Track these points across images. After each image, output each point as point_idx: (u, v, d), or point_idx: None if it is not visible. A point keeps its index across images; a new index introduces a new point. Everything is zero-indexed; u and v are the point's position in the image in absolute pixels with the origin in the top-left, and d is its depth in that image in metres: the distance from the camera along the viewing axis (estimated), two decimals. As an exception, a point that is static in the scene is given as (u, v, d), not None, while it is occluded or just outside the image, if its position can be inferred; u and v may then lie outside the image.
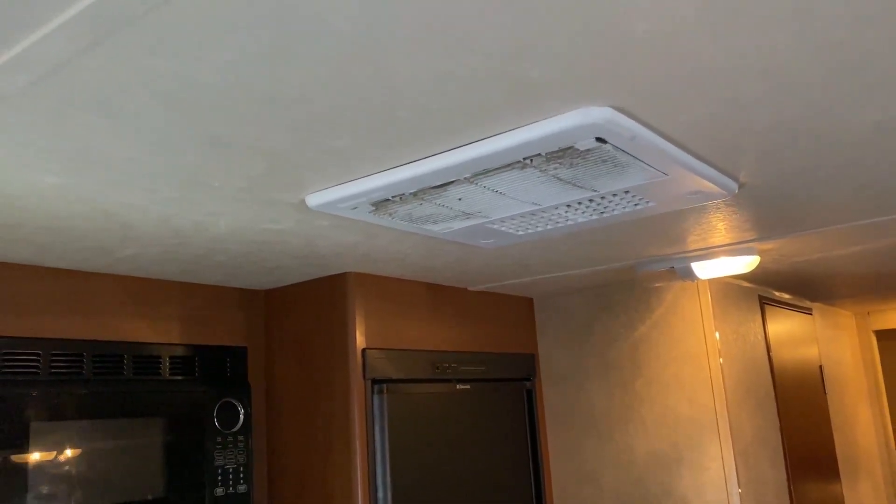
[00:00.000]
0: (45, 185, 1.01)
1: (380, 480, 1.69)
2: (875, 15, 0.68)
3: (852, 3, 0.66)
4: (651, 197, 1.21)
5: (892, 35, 0.72)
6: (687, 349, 2.05)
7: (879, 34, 0.72)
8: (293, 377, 1.80)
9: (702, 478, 1.99)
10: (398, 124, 0.87)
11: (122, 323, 1.58)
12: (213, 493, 1.62)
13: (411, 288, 1.90)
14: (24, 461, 1.35)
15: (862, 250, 1.90)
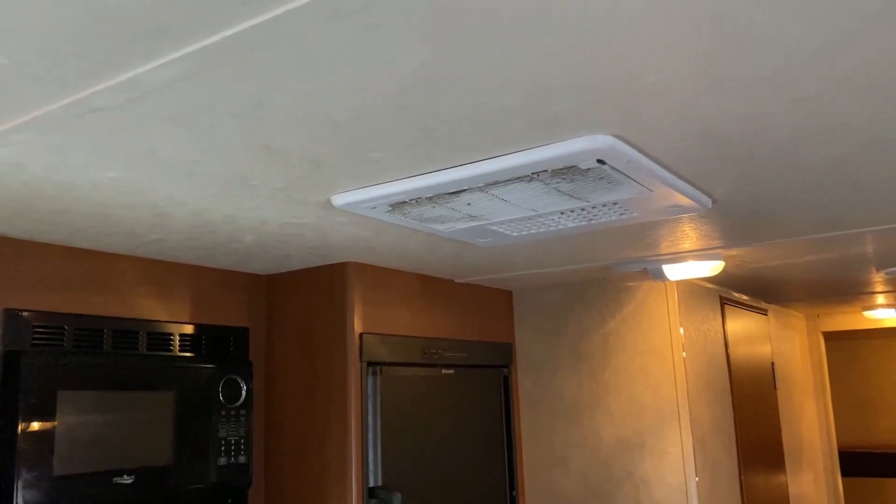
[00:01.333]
0: (103, 179, 1.12)
1: (371, 453, 1.84)
2: (837, 78, 0.84)
3: (817, 68, 0.81)
4: (635, 208, 1.37)
5: (851, 94, 0.88)
6: (653, 343, 2.23)
7: (841, 94, 0.88)
8: (292, 357, 1.92)
9: (662, 462, 2.17)
10: (432, 142, 1.01)
11: (139, 302, 1.69)
12: (216, 462, 1.75)
13: (405, 279, 2.03)
14: (52, 426, 1.45)
15: (814, 259, 2.10)
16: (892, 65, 0.81)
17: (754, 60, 0.79)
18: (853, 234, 1.73)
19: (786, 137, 1.04)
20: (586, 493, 2.26)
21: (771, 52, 0.77)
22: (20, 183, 1.13)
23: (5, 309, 1.46)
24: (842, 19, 0.70)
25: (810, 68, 0.81)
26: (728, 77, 0.82)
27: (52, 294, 1.54)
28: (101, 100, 0.83)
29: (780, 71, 0.81)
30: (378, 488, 1.82)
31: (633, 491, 2.20)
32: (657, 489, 2.16)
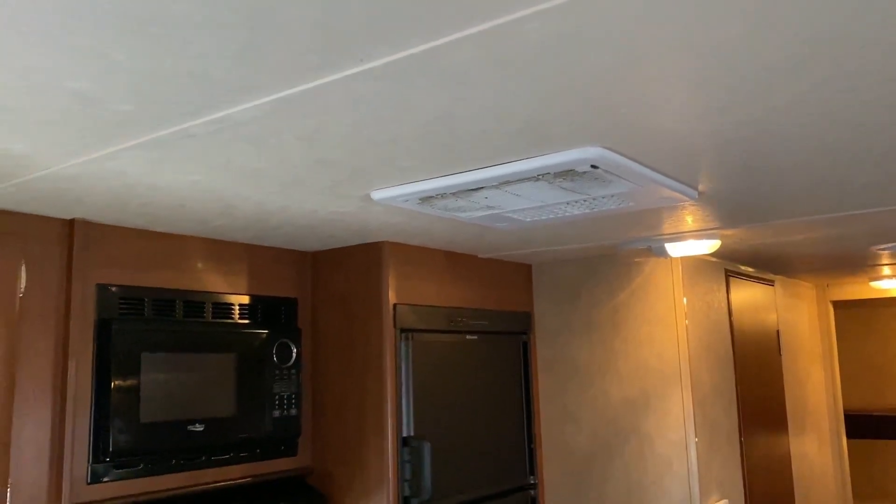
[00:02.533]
0: (186, 181, 1.38)
1: (404, 408, 2.10)
2: (806, 89, 1.06)
3: (797, 78, 1.03)
4: (630, 199, 1.59)
5: (808, 110, 1.10)
6: (659, 313, 2.46)
7: (796, 111, 1.09)
8: (335, 324, 2.19)
9: (665, 420, 2.41)
10: (453, 154, 1.24)
11: (204, 276, 1.96)
12: (271, 414, 2.03)
13: (434, 255, 2.28)
14: (137, 382, 1.74)
15: (805, 238, 2.30)
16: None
17: (729, 85, 1.01)
18: (835, 217, 1.93)
19: (756, 140, 1.25)
20: (596, 447, 2.52)
21: (743, 71, 0.99)
22: (120, 184, 1.39)
23: (98, 284, 1.74)
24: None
25: (783, 82, 1.02)
26: (698, 100, 1.04)
27: (133, 271, 1.81)
28: (197, 129, 1.08)
29: (755, 91, 1.03)
30: (411, 438, 2.09)
31: (638, 445, 2.44)
32: (659, 444, 2.41)
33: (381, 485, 2.04)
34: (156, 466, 1.78)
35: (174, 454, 1.82)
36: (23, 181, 1.34)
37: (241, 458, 1.98)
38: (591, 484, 2.52)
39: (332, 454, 2.15)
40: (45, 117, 1.02)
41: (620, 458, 2.47)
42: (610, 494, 2.48)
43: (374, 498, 2.05)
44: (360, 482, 2.08)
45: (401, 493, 2.06)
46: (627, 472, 2.45)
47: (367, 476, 2.07)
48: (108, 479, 1.70)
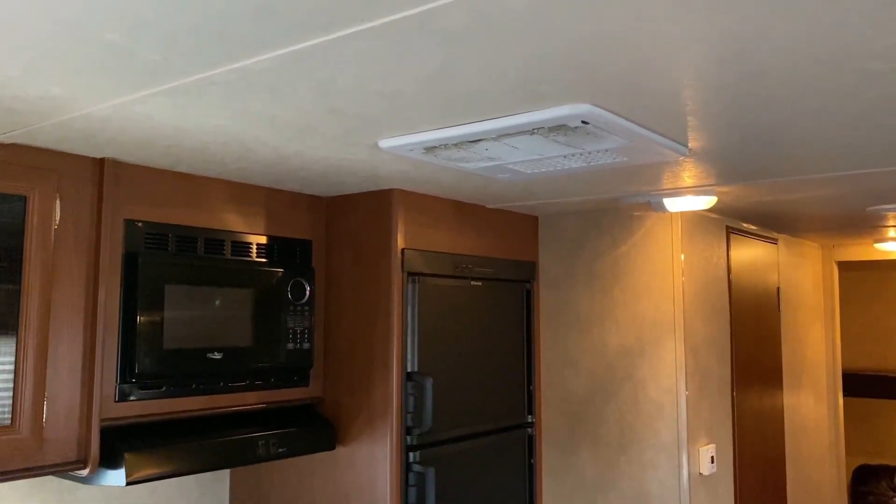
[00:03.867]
0: (209, 125, 1.49)
1: (409, 346, 2.24)
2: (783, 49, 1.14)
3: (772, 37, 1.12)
4: (623, 154, 1.68)
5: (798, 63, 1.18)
6: (657, 266, 2.56)
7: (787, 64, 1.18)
8: (347, 266, 2.32)
9: (657, 367, 2.53)
10: (453, 108, 1.34)
11: (224, 216, 2.09)
12: (285, 347, 2.17)
13: (441, 204, 2.39)
14: (161, 311, 1.88)
15: (802, 197, 2.37)
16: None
17: (711, 46, 1.09)
18: (826, 177, 2.01)
19: (745, 95, 1.34)
20: (593, 390, 2.65)
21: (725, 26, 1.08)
22: (147, 127, 1.51)
23: (126, 219, 1.87)
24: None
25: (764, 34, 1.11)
26: (680, 62, 1.13)
27: (158, 208, 1.94)
28: (217, 78, 1.19)
29: (742, 49, 1.12)
30: (414, 373, 2.23)
31: (632, 390, 2.57)
32: (652, 389, 2.54)
33: (385, 415, 2.19)
34: (177, 389, 1.94)
35: (194, 379, 1.97)
36: (59, 121, 1.46)
37: (256, 386, 2.13)
38: (586, 425, 2.66)
39: (341, 386, 2.30)
40: (81, 65, 1.13)
41: (615, 401, 2.61)
42: (603, 435, 2.62)
43: (378, 427, 2.20)
44: (366, 412, 2.23)
45: (404, 424, 2.21)
46: (621, 414, 2.59)
47: (373, 407, 2.22)
48: (134, 399, 1.86)
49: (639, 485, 2.54)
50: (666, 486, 2.49)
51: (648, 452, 2.53)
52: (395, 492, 2.17)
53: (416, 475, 2.20)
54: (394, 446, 2.18)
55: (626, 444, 2.57)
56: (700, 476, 2.53)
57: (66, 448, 1.71)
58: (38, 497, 2.06)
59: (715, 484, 2.64)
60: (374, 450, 2.20)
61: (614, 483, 2.59)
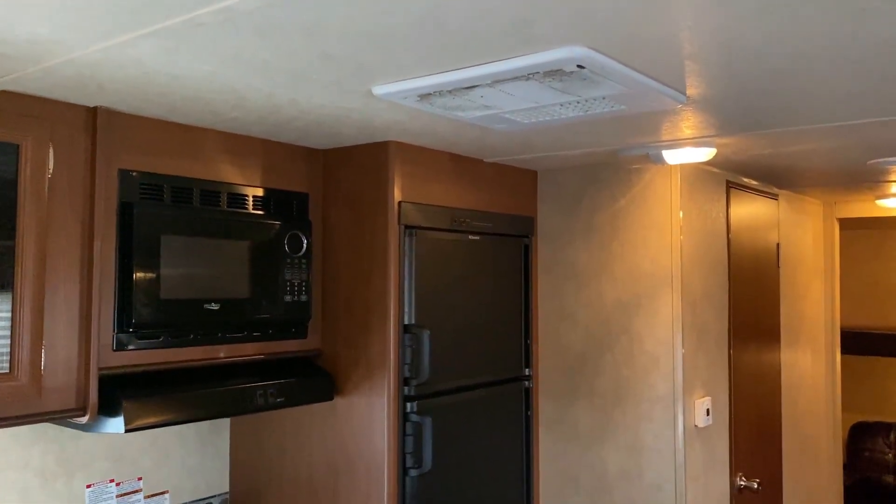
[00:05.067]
0: (200, 71, 1.47)
1: (406, 298, 2.25)
2: None
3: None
4: (621, 102, 1.66)
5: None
6: (656, 220, 2.55)
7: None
8: (344, 219, 2.31)
9: (654, 320, 2.54)
10: (446, 51, 1.32)
11: (220, 168, 2.08)
12: (282, 299, 2.18)
13: (439, 157, 2.37)
14: (158, 261, 1.89)
15: (803, 149, 2.35)
16: (780, 4, 1.08)
17: None
18: (826, 127, 1.99)
19: (742, 35, 1.32)
20: (588, 344, 2.67)
21: (683, -4, 1.05)
22: (137, 73, 1.49)
23: (120, 169, 1.86)
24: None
25: None
26: (676, 4, 1.11)
27: (153, 158, 1.93)
28: (205, 18, 1.17)
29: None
30: (412, 325, 2.24)
31: (628, 343, 2.59)
32: (648, 342, 2.55)
33: (383, 366, 2.21)
34: (175, 339, 1.96)
35: (192, 329, 1.98)
36: (49, 66, 1.44)
37: (255, 337, 2.14)
38: (582, 377, 2.68)
39: (339, 338, 2.31)
40: (66, 2, 1.11)
41: (611, 354, 2.62)
42: (599, 388, 2.64)
43: (376, 378, 2.22)
44: (364, 364, 2.25)
45: (401, 375, 2.23)
46: (617, 367, 2.61)
47: (371, 359, 2.23)
48: (133, 348, 1.88)
49: (634, 436, 2.56)
50: (661, 437, 2.51)
51: (644, 405, 2.55)
52: (392, 441, 2.19)
53: (413, 425, 2.23)
54: (391, 397, 2.20)
55: (622, 397, 2.59)
56: (695, 428, 2.55)
57: (65, 395, 1.73)
58: (40, 446, 2.09)
59: (710, 436, 2.66)
60: (372, 400, 2.22)
61: (609, 435, 2.62)
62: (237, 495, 2.55)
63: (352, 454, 2.26)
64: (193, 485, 2.46)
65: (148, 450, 2.34)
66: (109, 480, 2.23)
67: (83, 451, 2.18)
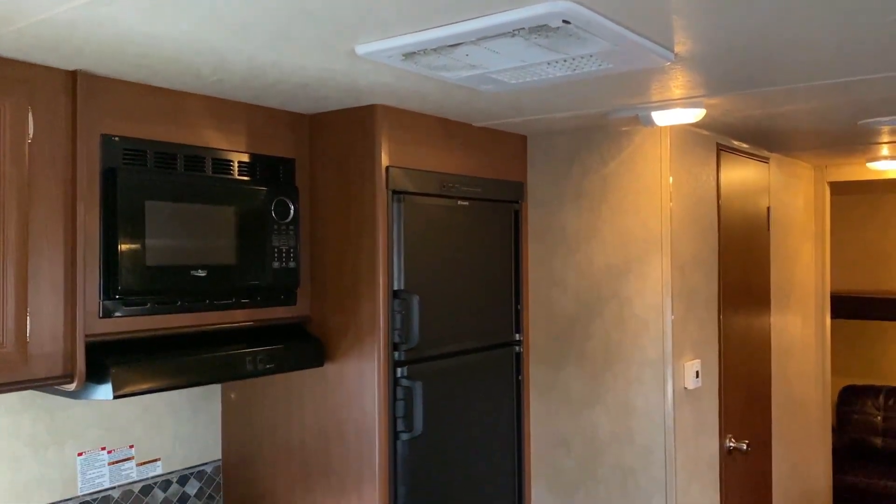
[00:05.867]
0: (177, 31, 1.44)
1: (395, 264, 2.24)
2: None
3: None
4: (608, 61, 1.64)
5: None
6: (646, 183, 2.54)
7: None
8: (331, 185, 2.29)
9: (644, 284, 2.54)
10: (429, 7, 1.30)
11: (204, 133, 2.05)
12: (270, 266, 2.17)
13: (427, 121, 2.35)
14: (143, 227, 1.87)
15: (793, 109, 2.33)
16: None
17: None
18: (815, 86, 1.97)
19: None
20: (579, 309, 2.67)
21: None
22: (114, 33, 1.46)
23: (102, 134, 1.84)
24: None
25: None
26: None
27: (135, 123, 1.90)
28: (180, -27, 1.15)
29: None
30: (401, 291, 2.24)
31: (618, 308, 2.59)
32: (638, 307, 2.55)
33: (373, 332, 2.21)
34: (162, 306, 1.94)
35: (179, 296, 1.97)
36: (24, 26, 1.41)
37: (243, 304, 2.14)
38: (572, 342, 2.69)
39: (328, 304, 2.31)
40: (37, -43, 1.09)
41: (601, 319, 2.62)
42: (589, 352, 2.65)
43: (366, 343, 2.22)
44: (354, 330, 2.25)
45: (391, 340, 2.23)
46: (607, 331, 2.61)
47: (361, 324, 2.23)
48: (119, 315, 1.87)
49: (624, 399, 2.58)
50: (651, 400, 2.53)
51: (634, 368, 2.56)
52: (383, 405, 2.20)
53: (404, 389, 2.23)
54: (381, 362, 2.20)
55: (612, 361, 2.60)
56: (685, 390, 2.57)
57: (51, 363, 1.72)
58: (29, 414, 2.09)
59: (700, 398, 2.68)
60: (363, 365, 2.23)
61: (600, 398, 2.63)
62: (229, 462, 2.56)
63: (343, 419, 2.26)
64: (185, 452, 2.47)
65: (139, 418, 2.35)
66: (101, 448, 2.24)
67: (74, 419, 2.18)
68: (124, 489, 2.29)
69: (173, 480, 2.43)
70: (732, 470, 2.91)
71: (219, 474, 2.56)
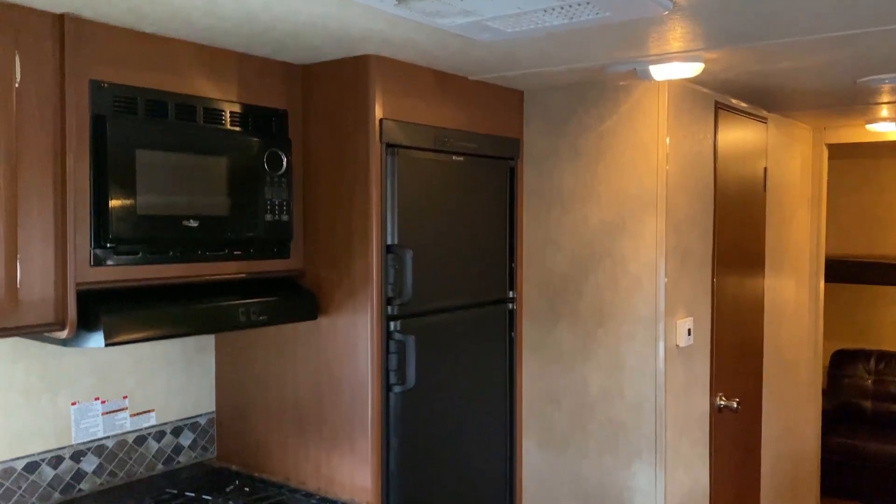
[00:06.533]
0: (166, -31, 1.41)
1: (389, 219, 2.23)
2: None
3: None
4: (605, 8, 1.61)
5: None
6: (642, 140, 2.52)
7: None
8: (324, 138, 2.27)
9: (638, 242, 2.54)
10: (420, -56, 1.27)
11: (195, 81, 2.02)
12: (263, 218, 2.15)
13: (422, 73, 2.32)
14: (133, 176, 1.85)
15: (792, 66, 2.31)
16: None
17: None
18: (815, 39, 1.94)
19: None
20: (572, 267, 2.67)
21: None
22: (102, -28, 1.43)
23: (91, 80, 1.81)
24: None
25: None
26: None
27: (125, 70, 1.87)
28: None
29: None
30: (394, 245, 2.23)
31: (612, 266, 2.59)
32: (632, 265, 2.55)
33: (366, 286, 2.20)
34: (154, 256, 1.93)
35: (171, 246, 1.96)
36: (7, -36, 1.38)
37: (236, 256, 2.13)
38: (565, 300, 2.69)
39: (321, 259, 2.30)
40: None
41: (594, 277, 2.62)
42: (582, 310, 2.66)
43: (359, 298, 2.22)
44: (347, 283, 2.24)
45: (384, 294, 2.23)
46: (600, 290, 2.62)
47: (354, 278, 2.23)
48: (111, 264, 1.86)
49: (615, 356, 2.59)
50: (642, 357, 2.54)
51: (626, 326, 2.57)
52: (375, 359, 2.21)
53: (397, 343, 2.24)
54: (374, 315, 2.20)
55: (605, 318, 2.61)
56: (677, 348, 2.58)
57: (43, 310, 1.72)
58: (23, 364, 2.09)
59: (691, 356, 2.70)
60: (356, 319, 2.23)
61: (591, 355, 2.64)
62: (223, 415, 2.58)
63: (336, 372, 2.27)
64: (179, 404, 2.49)
65: (133, 370, 2.35)
66: (95, 398, 2.25)
67: (67, 369, 2.18)
68: (118, 439, 2.31)
69: (167, 431, 2.45)
70: (722, 427, 2.94)
71: (212, 426, 2.58)
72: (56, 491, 2.16)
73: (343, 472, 2.27)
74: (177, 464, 2.47)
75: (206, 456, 2.57)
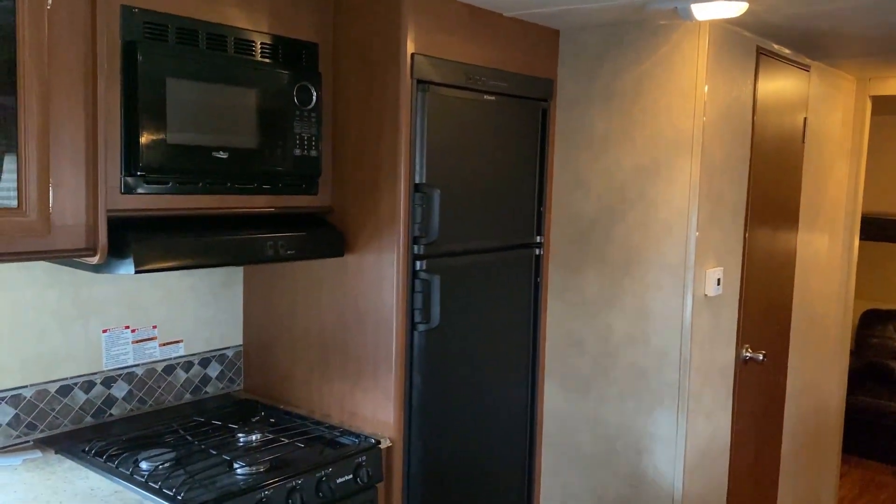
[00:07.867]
0: None
1: (417, 157, 2.21)
2: None
3: None
4: (649, -62, 1.55)
5: None
6: (680, 83, 2.45)
7: None
8: (355, 72, 2.24)
9: (670, 187, 2.49)
10: None
11: (226, 10, 2.00)
12: (292, 153, 2.14)
13: (455, 7, 2.26)
14: (164, 103, 1.84)
15: (845, 6, 2.21)
16: None
17: None
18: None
19: None
20: (601, 212, 2.63)
21: None
22: None
23: (122, 5, 1.79)
24: None
25: None
26: None
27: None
28: None
29: None
30: (422, 184, 2.21)
31: (643, 211, 2.55)
32: (663, 210, 2.51)
33: (393, 225, 2.20)
34: (184, 185, 1.94)
35: (200, 176, 1.97)
36: None
37: (264, 190, 2.13)
38: (593, 245, 2.66)
39: (349, 196, 2.29)
40: None
41: (623, 222, 2.59)
42: (609, 255, 2.63)
43: (386, 236, 2.21)
44: (374, 222, 2.24)
45: (411, 233, 2.22)
46: (629, 235, 2.58)
47: (381, 217, 2.22)
48: (141, 192, 1.87)
49: (641, 303, 2.57)
50: (669, 305, 2.52)
51: (653, 272, 2.54)
52: (401, 297, 2.21)
53: (422, 282, 2.24)
54: (401, 254, 2.20)
55: (632, 265, 2.58)
56: (705, 297, 2.55)
57: (74, 235, 1.73)
58: (56, 289, 2.13)
59: (719, 306, 2.67)
60: (382, 257, 2.23)
61: (617, 301, 2.63)
62: (250, 348, 2.62)
63: (361, 309, 2.29)
64: (207, 336, 2.53)
65: (162, 300, 2.39)
66: (125, 326, 2.29)
67: (98, 297, 2.22)
68: (147, 367, 2.36)
69: (195, 362, 2.49)
70: (746, 379, 2.92)
71: (239, 359, 2.63)
72: (88, 415, 2.22)
73: (366, 407, 2.30)
74: (204, 394, 2.53)
75: (233, 388, 2.62)
